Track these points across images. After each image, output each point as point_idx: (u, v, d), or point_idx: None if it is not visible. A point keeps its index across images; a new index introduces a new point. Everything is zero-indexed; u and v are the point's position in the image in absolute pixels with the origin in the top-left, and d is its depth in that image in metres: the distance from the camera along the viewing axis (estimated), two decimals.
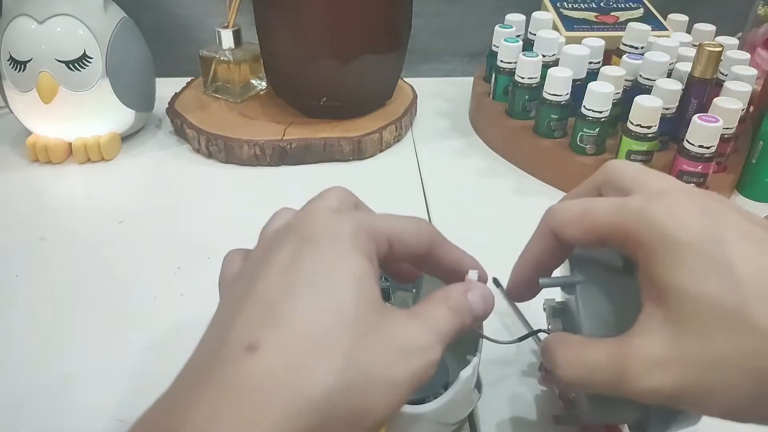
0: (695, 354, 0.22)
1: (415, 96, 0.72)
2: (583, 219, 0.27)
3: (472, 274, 0.28)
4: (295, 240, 0.23)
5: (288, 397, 0.19)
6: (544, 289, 0.30)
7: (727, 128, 0.53)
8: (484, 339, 0.33)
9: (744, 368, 0.22)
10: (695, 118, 0.51)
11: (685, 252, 0.23)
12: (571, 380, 0.26)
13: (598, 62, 0.63)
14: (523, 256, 0.30)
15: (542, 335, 0.34)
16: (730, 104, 0.53)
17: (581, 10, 0.71)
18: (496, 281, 0.41)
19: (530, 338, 0.34)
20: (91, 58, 0.58)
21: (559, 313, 0.33)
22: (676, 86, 0.55)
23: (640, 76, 0.59)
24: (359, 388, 0.20)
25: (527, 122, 0.63)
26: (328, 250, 0.22)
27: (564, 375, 0.26)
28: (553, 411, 0.36)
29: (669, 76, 0.59)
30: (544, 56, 0.62)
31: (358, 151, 0.63)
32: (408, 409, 0.30)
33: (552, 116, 0.60)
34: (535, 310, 0.36)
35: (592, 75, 0.60)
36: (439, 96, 0.77)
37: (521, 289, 0.31)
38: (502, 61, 0.65)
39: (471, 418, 0.37)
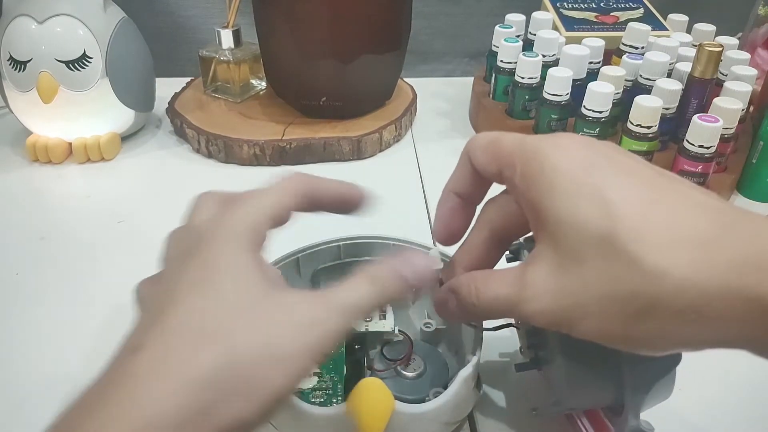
0: (571, 281, 0.23)
1: (415, 96, 0.72)
2: (489, 146, 0.28)
3: (434, 251, 0.30)
4: (182, 259, 0.26)
5: (171, 382, 0.21)
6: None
7: (727, 128, 0.53)
8: (481, 337, 0.33)
9: (612, 294, 0.22)
10: (695, 118, 0.51)
11: (560, 179, 0.24)
12: (481, 309, 0.27)
13: (598, 62, 0.63)
14: (445, 186, 0.32)
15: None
16: (730, 104, 0.53)
17: (581, 10, 0.71)
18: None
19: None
20: (90, 58, 0.58)
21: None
22: (676, 86, 0.55)
23: (640, 76, 0.59)
24: (247, 362, 0.22)
25: (527, 122, 0.63)
26: (209, 258, 0.24)
27: (475, 304, 0.27)
28: (516, 361, 0.36)
29: (669, 76, 0.59)
30: (544, 56, 0.62)
31: (357, 151, 0.63)
32: (408, 408, 0.30)
33: (552, 116, 0.60)
34: None
35: (592, 75, 0.60)
36: (439, 96, 0.77)
37: (446, 223, 0.32)
38: (502, 61, 0.65)
39: (471, 417, 0.37)
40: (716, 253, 0.21)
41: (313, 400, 0.34)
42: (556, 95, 0.59)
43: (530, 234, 0.30)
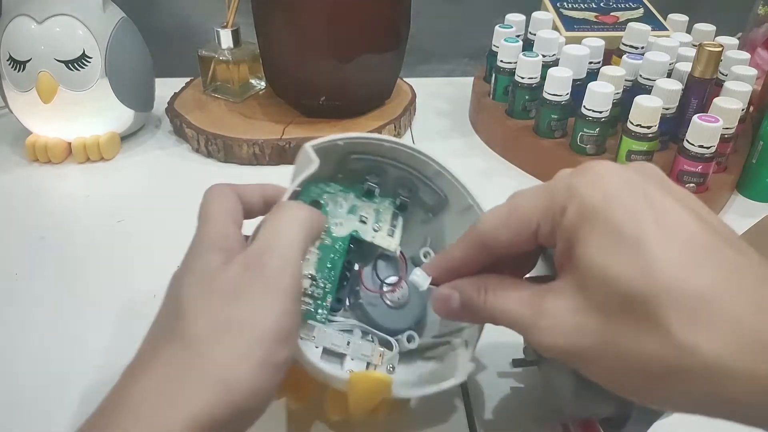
0: (593, 327, 0.22)
1: (414, 95, 0.71)
2: (509, 217, 0.26)
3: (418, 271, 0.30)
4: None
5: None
6: None
7: (727, 128, 0.53)
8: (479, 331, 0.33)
9: (635, 354, 0.21)
10: (695, 118, 0.51)
11: (600, 225, 0.22)
12: (487, 315, 0.27)
13: (598, 62, 0.63)
14: (443, 263, 0.30)
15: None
16: (730, 104, 0.53)
17: (581, 10, 0.71)
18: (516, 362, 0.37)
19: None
20: (90, 57, 0.58)
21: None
22: (676, 86, 0.55)
23: (640, 76, 0.59)
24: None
25: (527, 122, 0.63)
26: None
27: (482, 309, 0.27)
28: (513, 356, 0.36)
29: (669, 76, 0.59)
30: (544, 56, 0.62)
31: None
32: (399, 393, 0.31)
33: (552, 116, 0.60)
34: None
35: (592, 75, 0.60)
36: (439, 96, 0.76)
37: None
38: (502, 61, 0.65)
39: (470, 418, 0.37)
40: (751, 336, 0.20)
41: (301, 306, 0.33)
42: (556, 95, 0.58)
43: None
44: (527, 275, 0.30)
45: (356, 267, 0.36)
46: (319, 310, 0.33)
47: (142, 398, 0.23)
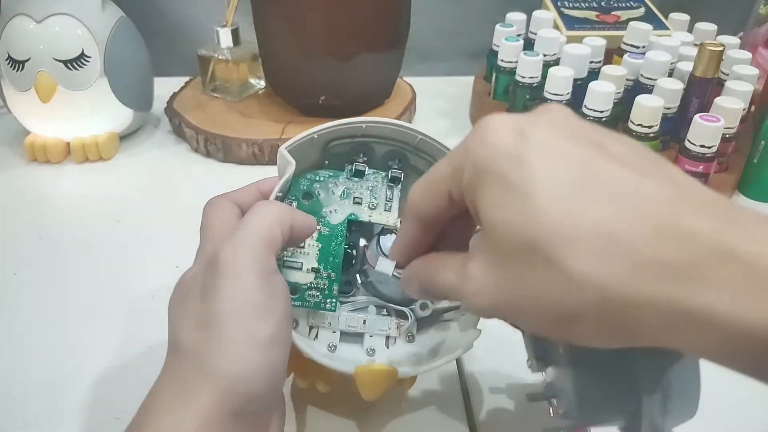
0: (506, 281, 0.22)
1: (414, 95, 0.71)
2: (428, 188, 0.26)
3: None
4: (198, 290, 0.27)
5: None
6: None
7: (728, 128, 0.53)
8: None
9: (541, 299, 0.21)
10: (696, 117, 0.51)
11: (490, 178, 0.22)
12: (437, 293, 0.27)
13: (599, 61, 0.63)
14: (399, 245, 0.29)
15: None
16: (732, 104, 0.53)
17: (582, 9, 0.71)
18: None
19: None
20: (89, 57, 0.57)
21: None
22: (677, 86, 0.55)
23: (642, 75, 0.59)
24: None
25: None
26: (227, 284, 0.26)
27: (430, 288, 0.27)
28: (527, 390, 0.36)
29: (670, 75, 0.59)
30: (545, 55, 0.62)
31: None
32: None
33: None
34: None
35: (593, 74, 0.60)
36: (439, 95, 0.76)
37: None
38: (502, 60, 0.64)
39: (470, 418, 0.37)
40: (645, 260, 0.19)
41: (309, 299, 0.34)
42: (557, 95, 0.58)
43: None
44: None
45: (362, 244, 0.36)
46: (327, 300, 0.34)
47: (153, 410, 0.24)
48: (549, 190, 0.20)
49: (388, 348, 0.35)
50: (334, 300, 0.34)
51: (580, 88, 0.57)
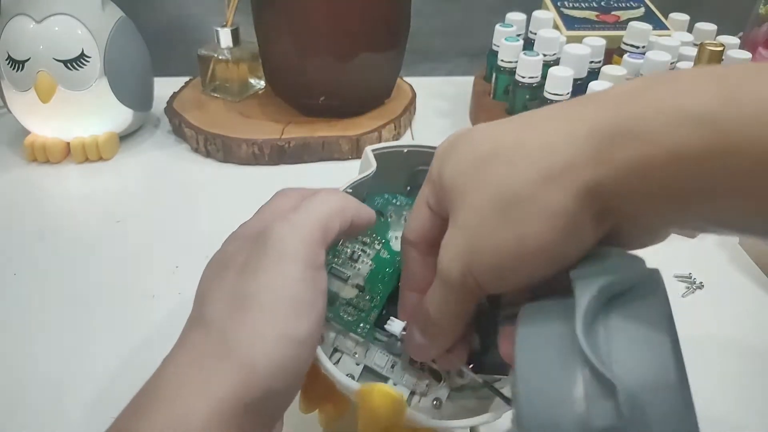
0: (459, 221, 0.23)
1: (414, 95, 0.71)
2: (413, 210, 0.27)
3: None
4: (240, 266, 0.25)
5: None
6: None
7: None
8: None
9: (490, 201, 0.22)
10: None
11: (441, 155, 0.25)
12: (426, 317, 0.27)
13: (599, 61, 0.63)
14: (403, 299, 0.29)
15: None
16: None
17: (582, 9, 0.71)
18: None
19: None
20: (89, 57, 0.57)
21: None
22: None
23: (641, 75, 0.59)
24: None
25: None
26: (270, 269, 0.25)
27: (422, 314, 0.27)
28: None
29: None
30: (544, 55, 0.62)
31: (356, 150, 0.63)
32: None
33: None
34: None
35: (593, 74, 0.60)
36: (439, 95, 0.76)
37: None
38: (502, 60, 0.64)
39: None
40: (558, 116, 0.22)
41: (343, 315, 0.31)
42: (557, 94, 0.58)
43: None
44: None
45: None
46: (361, 324, 0.31)
47: (165, 387, 0.23)
48: (483, 128, 0.24)
49: (409, 405, 0.30)
50: (368, 327, 0.31)
51: (579, 88, 0.57)
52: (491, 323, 0.27)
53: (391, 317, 0.29)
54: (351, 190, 0.31)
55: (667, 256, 0.30)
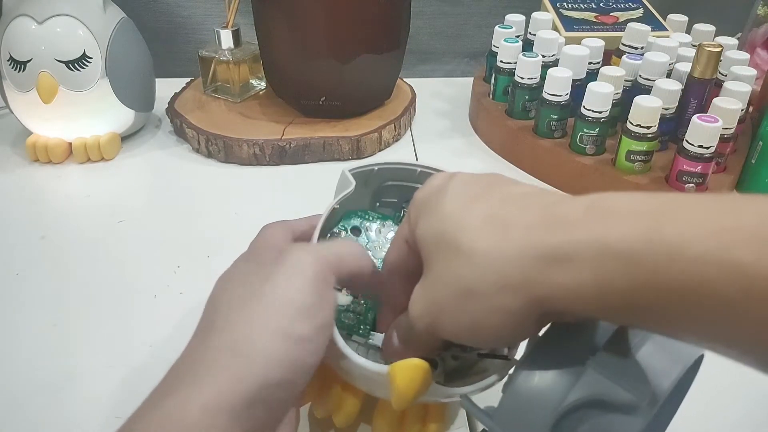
0: (430, 283, 0.26)
1: (414, 95, 0.72)
2: (393, 242, 0.31)
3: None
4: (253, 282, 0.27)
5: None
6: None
7: (726, 128, 0.53)
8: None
9: (450, 282, 0.25)
10: (695, 118, 0.51)
11: (418, 206, 0.28)
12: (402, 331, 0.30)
13: (598, 62, 0.64)
14: (387, 310, 0.33)
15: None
16: (730, 104, 0.53)
17: (581, 10, 0.72)
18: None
19: None
20: (90, 58, 0.58)
21: None
22: (675, 86, 0.55)
23: (640, 76, 0.59)
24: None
25: (527, 122, 0.63)
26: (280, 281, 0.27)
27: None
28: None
29: (668, 76, 0.59)
30: (543, 56, 0.62)
31: (357, 151, 0.63)
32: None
33: (552, 116, 0.60)
34: None
35: (592, 75, 0.60)
36: (438, 96, 0.77)
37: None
38: (501, 61, 0.65)
39: (470, 419, 0.37)
40: (516, 226, 0.24)
41: (344, 320, 0.34)
42: (556, 95, 0.59)
43: None
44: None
45: None
46: (362, 326, 0.35)
47: (164, 385, 0.24)
48: (454, 199, 0.26)
49: None
50: (368, 327, 0.35)
51: (578, 88, 0.58)
52: None
53: (372, 332, 0.34)
54: (338, 206, 0.35)
55: None
